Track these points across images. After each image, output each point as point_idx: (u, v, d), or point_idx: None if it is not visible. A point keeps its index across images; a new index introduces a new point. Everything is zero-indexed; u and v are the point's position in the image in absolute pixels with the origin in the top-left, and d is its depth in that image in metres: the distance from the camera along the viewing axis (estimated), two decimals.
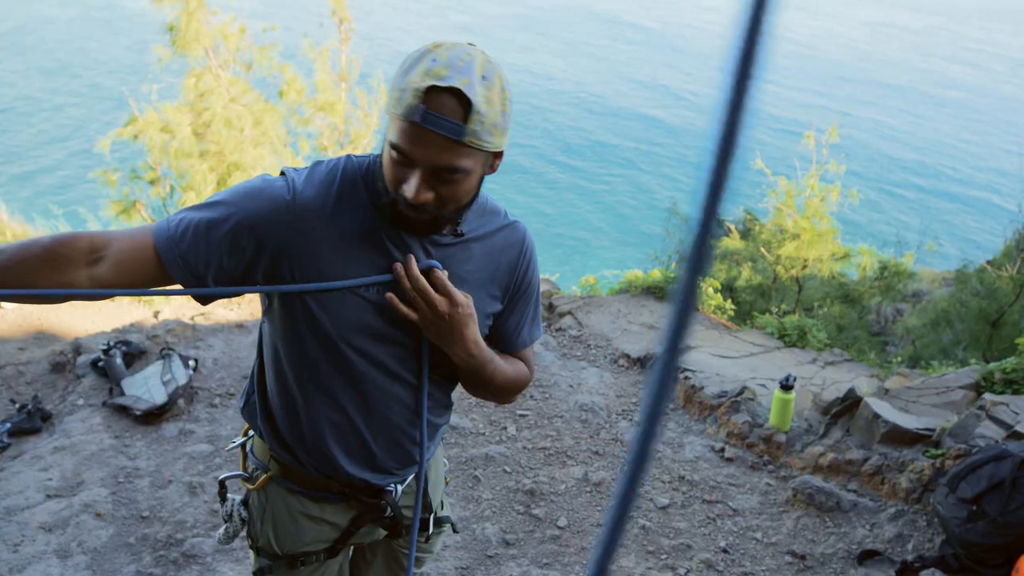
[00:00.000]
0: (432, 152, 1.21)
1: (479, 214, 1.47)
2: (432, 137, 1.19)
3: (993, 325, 6.37)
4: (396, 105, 1.21)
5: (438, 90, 1.17)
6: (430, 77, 1.17)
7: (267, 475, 1.57)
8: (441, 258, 1.41)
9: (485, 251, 1.47)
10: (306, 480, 1.54)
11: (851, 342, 7.05)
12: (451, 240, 1.41)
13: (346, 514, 1.60)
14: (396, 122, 1.22)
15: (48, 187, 18.01)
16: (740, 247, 8.71)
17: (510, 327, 1.57)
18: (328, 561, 1.66)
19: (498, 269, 1.49)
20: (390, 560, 1.80)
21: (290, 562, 1.60)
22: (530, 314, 1.60)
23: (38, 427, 4.32)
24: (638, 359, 5.06)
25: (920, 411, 3.99)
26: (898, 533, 3.29)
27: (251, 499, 1.64)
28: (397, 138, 1.22)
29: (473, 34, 33.22)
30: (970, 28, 40.13)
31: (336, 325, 1.37)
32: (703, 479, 3.82)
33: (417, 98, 1.17)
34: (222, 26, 9.30)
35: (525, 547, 3.30)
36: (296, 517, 1.58)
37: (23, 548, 3.21)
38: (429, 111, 1.17)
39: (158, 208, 10.16)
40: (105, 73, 25.02)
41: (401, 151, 1.22)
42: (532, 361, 1.65)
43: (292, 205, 1.32)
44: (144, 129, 9.19)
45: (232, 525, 1.64)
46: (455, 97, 1.18)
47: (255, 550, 1.64)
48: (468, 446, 4.02)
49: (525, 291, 1.55)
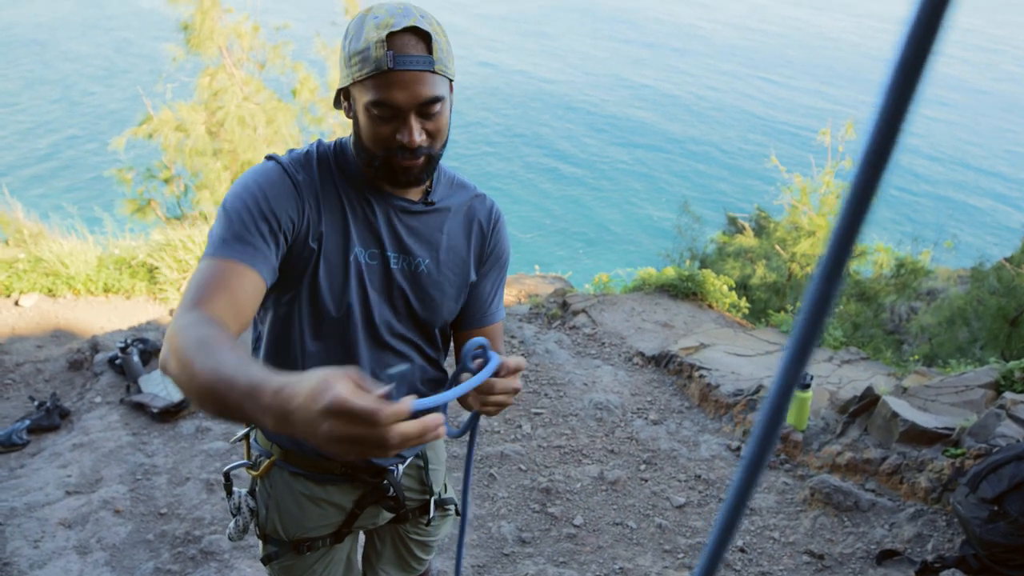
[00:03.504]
0: (414, 90, 1.26)
1: (448, 185, 1.53)
2: (409, 77, 1.25)
3: (1012, 323, 6.29)
4: (360, 69, 1.26)
5: (396, 34, 1.24)
6: (383, 28, 1.24)
7: (270, 460, 1.60)
8: (414, 224, 1.46)
9: (457, 220, 1.53)
10: (307, 462, 1.57)
11: (867, 340, 7.00)
12: (423, 208, 1.47)
13: (349, 495, 1.63)
14: (367, 84, 1.26)
15: (63, 186, 18.16)
16: (754, 245, 8.65)
17: (483, 295, 1.59)
18: (335, 547, 1.68)
19: (471, 236, 1.55)
20: (399, 547, 1.82)
21: (296, 548, 1.62)
22: (500, 288, 1.63)
23: (57, 424, 4.36)
24: (652, 357, 5.04)
25: (939, 410, 3.95)
26: (917, 533, 3.26)
27: (256, 487, 1.66)
28: (375, 95, 1.26)
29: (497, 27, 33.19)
30: (982, 20, 39.69)
31: (333, 299, 1.42)
32: (719, 478, 3.80)
33: (381, 48, 1.23)
34: (236, 24, 9.33)
35: (541, 545, 3.29)
36: (300, 501, 1.60)
37: (43, 544, 3.24)
38: (398, 55, 1.24)
39: (172, 206, 10.22)
40: (119, 72, 25.19)
41: (384, 103, 1.26)
42: (502, 343, 1.65)
43: (294, 181, 1.37)
44: (159, 128, 9.24)
45: (242, 517, 1.66)
46: (414, 34, 1.25)
47: (263, 537, 1.67)
48: (483, 444, 4.02)
49: (496, 259, 1.60)
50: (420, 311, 1.51)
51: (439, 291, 1.51)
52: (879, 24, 38.86)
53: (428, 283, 1.49)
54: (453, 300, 1.54)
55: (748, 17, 38.35)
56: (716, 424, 4.32)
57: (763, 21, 37.68)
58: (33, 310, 6.22)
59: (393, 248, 1.45)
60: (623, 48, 32.14)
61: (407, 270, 1.48)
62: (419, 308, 1.50)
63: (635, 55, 31.21)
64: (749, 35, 35.09)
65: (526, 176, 20.31)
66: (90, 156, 19.38)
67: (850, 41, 35.27)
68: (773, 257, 8.32)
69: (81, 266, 6.66)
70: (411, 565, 1.84)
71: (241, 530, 1.67)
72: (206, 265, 1.26)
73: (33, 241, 7.44)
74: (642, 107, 25.52)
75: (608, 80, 27.87)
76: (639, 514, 3.53)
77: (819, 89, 27.78)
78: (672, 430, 4.26)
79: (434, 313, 1.52)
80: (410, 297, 1.49)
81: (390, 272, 1.46)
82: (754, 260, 8.49)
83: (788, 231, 8.18)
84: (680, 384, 4.75)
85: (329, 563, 1.68)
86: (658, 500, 3.63)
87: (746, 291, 7.90)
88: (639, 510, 3.55)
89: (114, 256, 7.01)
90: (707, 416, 4.42)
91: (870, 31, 37.43)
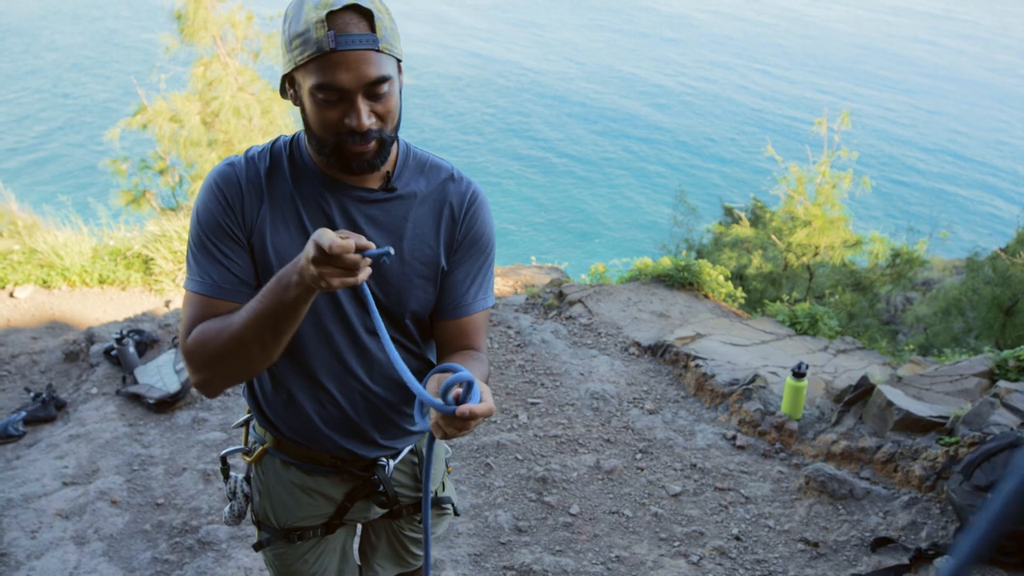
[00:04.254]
0: (360, 71, 1.21)
1: (417, 170, 1.46)
2: (352, 57, 1.20)
3: (1007, 312, 6.32)
4: (302, 52, 1.22)
5: (336, 13, 1.20)
6: (322, 7, 1.20)
7: (263, 447, 1.60)
8: (374, 213, 1.40)
9: (425, 206, 1.45)
10: (298, 452, 1.57)
11: (862, 330, 7.03)
12: (383, 195, 1.41)
13: (339, 487, 1.62)
14: (310, 67, 1.23)
15: (57, 177, 18.07)
16: (750, 235, 8.66)
17: (457, 284, 1.49)
18: (327, 538, 1.68)
19: (440, 222, 1.46)
20: (394, 542, 1.81)
21: (287, 536, 1.62)
22: (479, 276, 1.52)
23: (53, 416, 4.35)
24: (648, 347, 5.05)
25: (933, 399, 3.97)
26: (912, 521, 3.28)
27: (252, 473, 1.67)
28: (319, 78, 1.22)
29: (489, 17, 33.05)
30: (981, 11, 39.65)
31: None
32: (715, 467, 3.82)
33: (322, 28, 1.19)
34: (229, 14, 9.27)
35: (537, 534, 3.31)
36: (291, 490, 1.60)
37: (41, 535, 3.24)
38: (340, 34, 1.19)
39: (167, 197, 10.18)
40: (113, 62, 25.03)
41: (329, 86, 1.22)
42: (484, 336, 1.55)
43: (239, 181, 1.37)
44: (153, 118, 9.20)
45: (237, 503, 1.67)
46: (355, 12, 1.21)
47: (257, 524, 1.68)
48: (479, 434, 4.03)
49: (472, 245, 1.49)
50: (386, 303, 1.44)
51: (405, 281, 1.44)
52: (874, 15, 38.78)
53: (391, 274, 1.42)
54: (421, 290, 1.46)
55: (743, 7, 38.25)
56: (712, 413, 4.34)
57: (758, 12, 37.57)
58: (28, 302, 6.20)
59: None
60: (617, 39, 32.02)
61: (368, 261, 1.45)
62: (384, 300, 1.44)
63: (629, 45, 31.10)
64: (744, 25, 34.98)
65: (519, 167, 20.27)
66: (84, 147, 19.27)
67: (844, 31, 35.20)
68: (769, 247, 8.34)
69: (76, 257, 6.64)
70: (406, 560, 1.84)
71: (236, 515, 1.68)
72: (191, 299, 1.36)
73: (27, 232, 7.41)
74: (634, 98, 25.46)
75: (600, 71, 27.79)
76: (635, 503, 3.54)
77: (813, 80, 27.74)
78: (668, 419, 4.27)
79: (401, 304, 1.45)
80: (373, 288, 1.42)
81: None
82: (750, 250, 8.50)
83: (784, 221, 8.19)
84: (676, 374, 4.77)
85: (321, 553, 1.68)
86: (654, 489, 3.65)
87: (742, 281, 7.91)
88: (635, 499, 3.57)
89: (109, 247, 6.99)
90: (703, 405, 4.43)
91: (866, 21, 37.35)
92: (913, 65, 30.55)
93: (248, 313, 1.26)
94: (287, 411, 1.52)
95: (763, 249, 8.41)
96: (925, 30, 36.09)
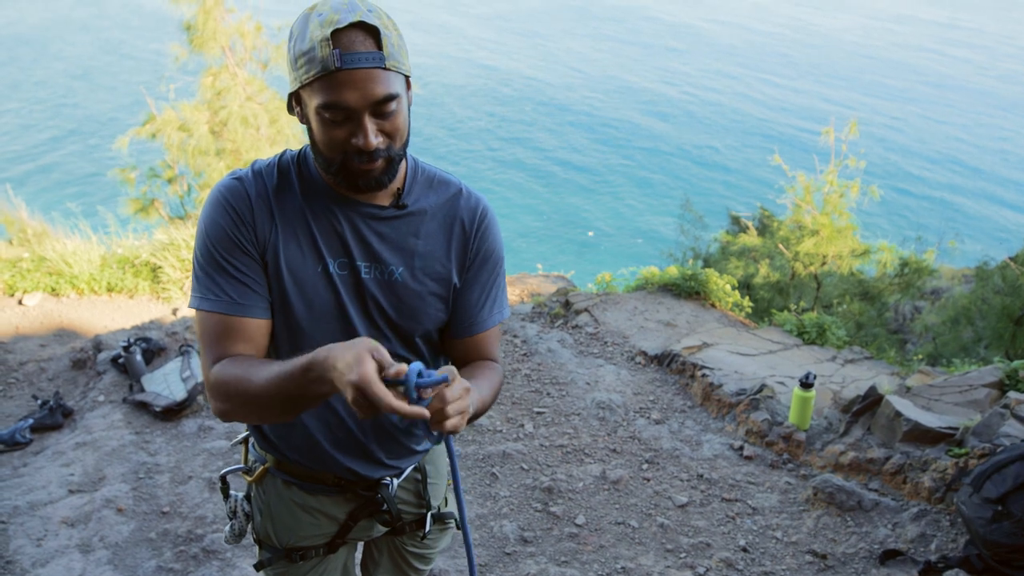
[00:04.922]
0: (366, 90, 1.19)
1: (426, 186, 1.44)
2: (359, 75, 1.18)
3: (1017, 322, 6.28)
4: (307, 71, 1.20)
5: (341, 31, 1.18)
6: (328, 25, 1.18)
7: (264, 467, 1.58)
8: (384, 230, 1.39)
9: (435, 222, 1.43)
10: (300, 472, 1.55)
11: (870, 340, 6.99)
12: (393, 212, 1.39)
13: (342, 507, 1.59)
14: (316, 86, 1.21)
15: (67, 185, 18.20)
16: (758, 244, 8.64)
17: (471, 301, 1.48)
18: (329, 557, 1.65)
19: (451, 239, 1.45)
20: (396, 559, 1.79)
21: (289, 556, 1.60)
22: (493, 290, 1.51)
23: (60, 423, 4.36)
24: (655, 356, 5.03)
25: (943, 409, 3.94)
26: (921, 533, 3.25)
27: (252, 492, 1.64)
28: (325, 97, 1.20)
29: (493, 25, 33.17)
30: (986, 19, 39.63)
31: (306, 311, 1.38)
32: (722, 477, 3.80)
33: (327, 47, 1.17)
34: (238, 24, 9.35)
35: (543, 545, 3.29)
36: (293, 509, 1.58)
37: (46, 542, 3.24)
38: (345, 52, 1.17)
39: (175, 206, 10.24)
40: (123, 72, 25.23)
41: (335, 106, 1.20)
42: (497, 346, 1.56)
43: (249, 196, 1.35)
44: (162, 128, 9.26)
45: (237, 522, 1.65)
46: (361, 30, 1.19)
47: (258, 543, 1.66)
48: (485, 443, 4.02)
49: (484, 261, 1.48)
50: (398, 321, 1.43)
51: (418, 299, 1.43)
52: (879, 23, 38.80)
53: (404, 292, 1.41)
54: (434, 308, 1.45)
55: (749, 17, 38.31)
56: (719, 424, 4.32)
57: (763, 21, 37.64)
58: (36, 309, 6.23)
59: (362, 257, 1.38)
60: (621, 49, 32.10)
61: (380, 279, 1.40)
62: (396, 318, 1.43)
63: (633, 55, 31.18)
64: (749, 35, 35.04)
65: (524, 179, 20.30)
66: (93, 156, 19.41)
67: (850, 41, 35.21)
68: (776, 256, 8.31)
69: (84, 265, 6.67)
70: (408, 575, 1.82)
71: (236, 534, 1.66)
72: (208, 320, 1.33)
73: (37, 240, 7.45)
74: (638, 108, 25.50)
75: (604, 81, 27.85)
76: (641, 513, 3.52)
77: (818, 90, 27.73)
78: (675, 429, 4.25)
79: (414, 321, 1.44)
80: (385, 307, 1.41)
81: (362, 282, 1.39)
82: (757, 259, 8.48)
83: (792, 230, 8.17)
84: (683, 383, 4.75)
85: (323, 572, 1.67)
86: (660, 499, 3.63)
87: (749, 290, 7.89)
88: (641, 509, 3.55)
89: (117, 256, 7.02)
90: (710, 415, 4.41)
91: (871, 30, 37.36)
92: (919, 74, 30.53)
93: (271, 385, 1.21)
94: (292, 432, 1.50)
95: (770, 258, 8.39)
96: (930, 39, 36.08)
